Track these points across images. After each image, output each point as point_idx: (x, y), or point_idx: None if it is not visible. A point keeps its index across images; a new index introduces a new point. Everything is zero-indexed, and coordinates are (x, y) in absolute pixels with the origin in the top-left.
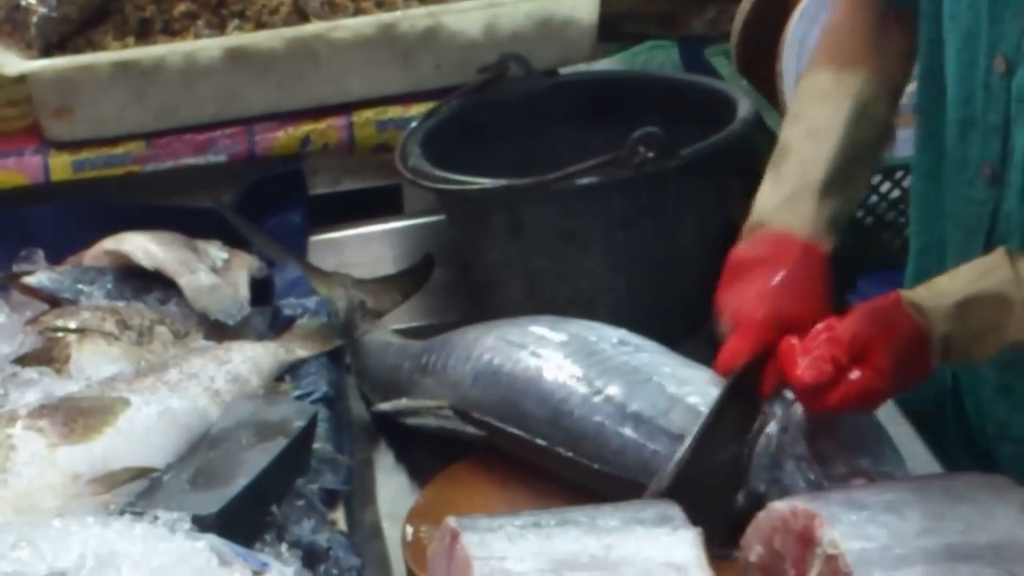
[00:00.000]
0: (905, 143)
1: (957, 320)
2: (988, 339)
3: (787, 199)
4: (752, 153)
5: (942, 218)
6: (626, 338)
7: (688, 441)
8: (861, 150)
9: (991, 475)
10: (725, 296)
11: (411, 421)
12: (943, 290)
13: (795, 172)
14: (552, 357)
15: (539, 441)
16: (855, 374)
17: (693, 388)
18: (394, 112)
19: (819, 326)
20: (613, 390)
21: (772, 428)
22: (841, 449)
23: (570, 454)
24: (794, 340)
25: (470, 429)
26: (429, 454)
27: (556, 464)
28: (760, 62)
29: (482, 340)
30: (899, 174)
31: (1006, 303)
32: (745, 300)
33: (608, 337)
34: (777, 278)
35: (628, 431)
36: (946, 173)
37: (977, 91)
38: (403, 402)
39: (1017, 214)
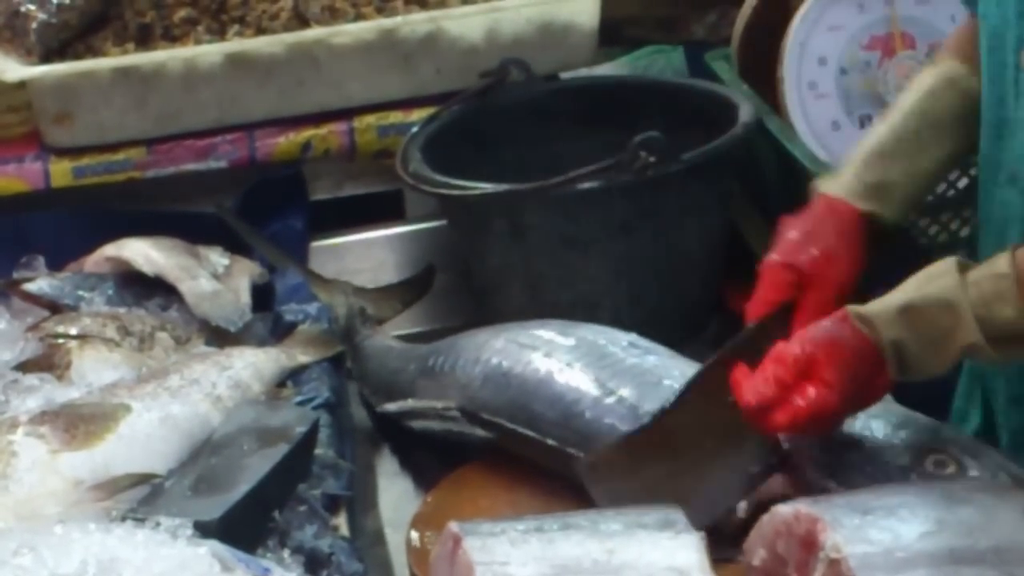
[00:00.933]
0: None
1: (903, 326)
2: (942, 346)
3: (837, 171)
4: (754, 157)
5: None
6: (635, 341)
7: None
8: (934, 119)
9: (993, 480)
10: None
11: (416, 424)
12: (888, 299)
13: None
14: (563, 359)
15: (550, 442)
16: (803, 392)
17: None
18: (395, 117)
19: (772, 349)
20: (625, 392)
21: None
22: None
23: (581, 455)
24: (745, 368)
25: (478, 431)
26: (432, 459)
27: (565, 465)
28: (761, 66)
29: (491, 343)
30: None
31: (951, 307)
32: (771, 253)
33: (618, 340)
34: (798, 232)
35: None
36: (981, 179)
37: (1008, 90)
38: (409, 403)
39: None
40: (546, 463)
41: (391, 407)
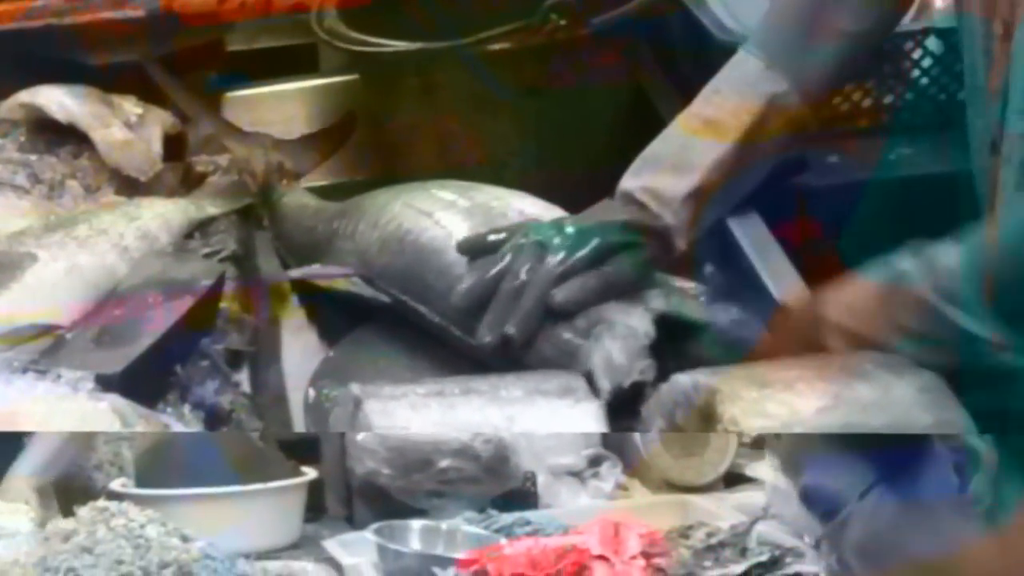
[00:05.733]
0: None
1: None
2: None
3: None
4: (663, 23)
5: None
6: (526, 209)
7: None
8: None
9: (891, 355)
10: None
11: (324, 284)
12: None
13: None
14: (455, 228)
15: (436, 319)
16: None
17: None
18: None
19: None
20: None
21: None
22: None
23: (459, 333)
24: None
25: (380, 297)
26: (338, 315)
27: (447, 340)
28: None
29: (390, 206)
30: None
31: None
32: None
33: (513, 207)
34: None
35: None
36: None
37: (979, 57)
38: (315, 267)
39: None
40: (441, 337)
41: (296, 273)
